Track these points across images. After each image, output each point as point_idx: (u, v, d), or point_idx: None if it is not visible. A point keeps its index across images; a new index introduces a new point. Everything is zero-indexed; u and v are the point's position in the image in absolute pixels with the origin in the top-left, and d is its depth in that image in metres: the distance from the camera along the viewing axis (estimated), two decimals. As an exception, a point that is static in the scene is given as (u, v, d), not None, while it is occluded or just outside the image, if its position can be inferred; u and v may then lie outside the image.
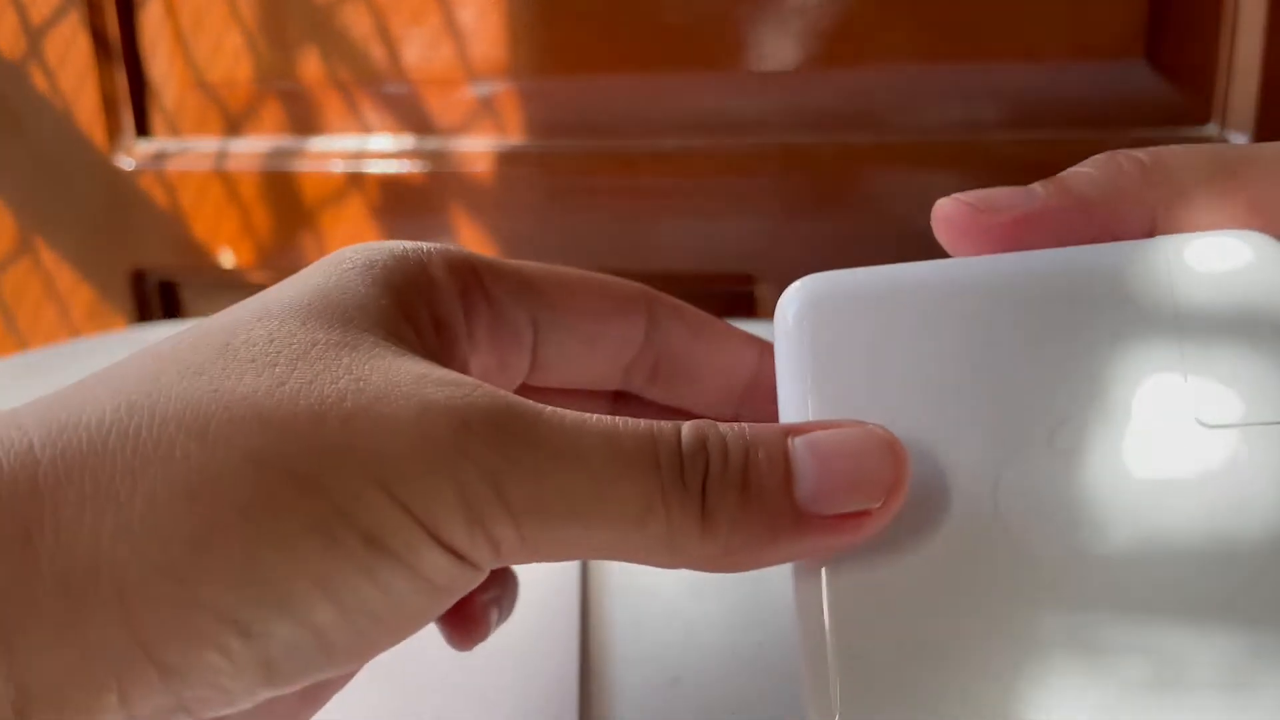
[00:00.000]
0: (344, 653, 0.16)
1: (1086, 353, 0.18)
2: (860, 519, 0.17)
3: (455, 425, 0.15)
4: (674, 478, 0.16)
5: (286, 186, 0.64)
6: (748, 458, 0.17)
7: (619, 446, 0.16)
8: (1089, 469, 0.17)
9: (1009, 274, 0.19)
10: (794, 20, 0.56)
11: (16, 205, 0.70)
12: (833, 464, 0.17)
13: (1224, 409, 0.17)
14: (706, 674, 0.27)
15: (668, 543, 0.16)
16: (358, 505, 0.15)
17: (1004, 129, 0.54)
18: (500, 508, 0.15)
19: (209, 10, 0.63)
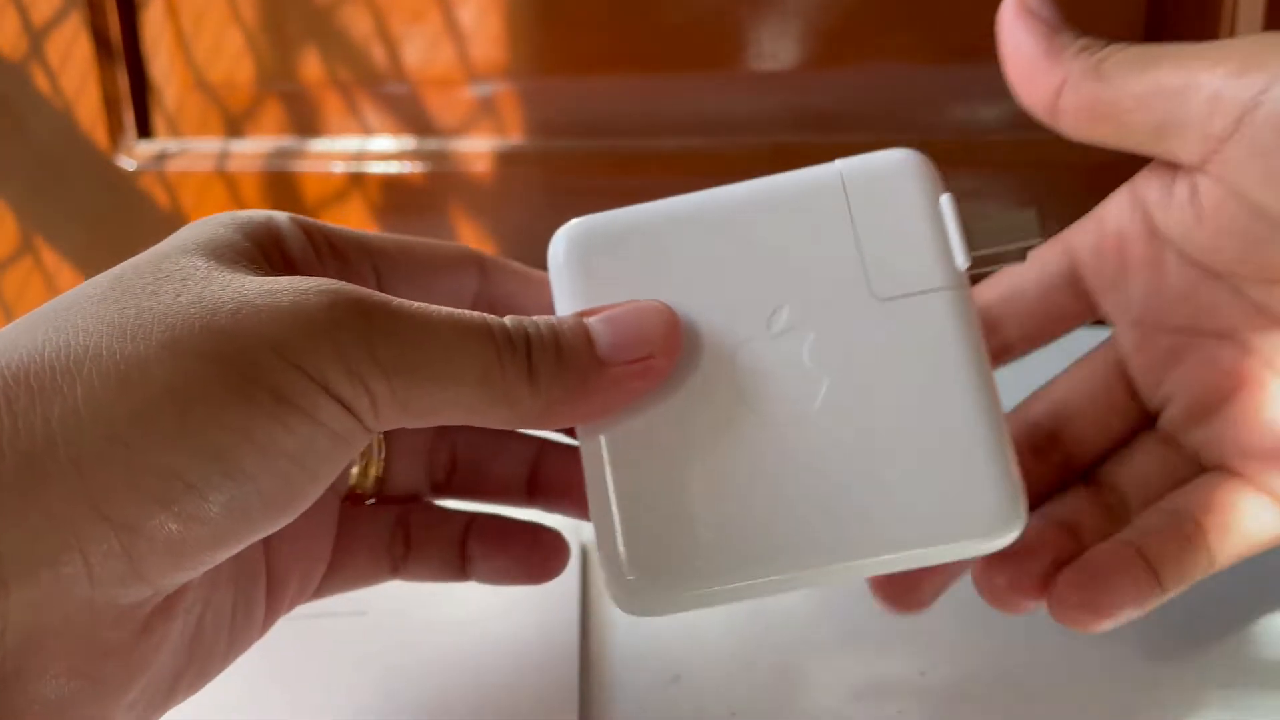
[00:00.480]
0: (274, 498, 0.18)
1: (788, 254, 0.23)
2: (648, 362, 0.22)
3: (326, 304, 0.19)
4: (506, 343, 0.20)
5: (288, 187, 0.64)
6: (557, 330, 0.21)
7: (461, 320, 0.20)
8: (796, 344, 0.22)
9: (723, 200, 0.24)
10: (794, 20, 0.56)
11: (18, 205, 0.70)
12: (620, 325, 0.22)
13: (893, 284, 0.23)
14: (706, 672, 0.27)
15: (505, 397, 0.20)
16: (261, 370, 0.18)
17: (1003, 129, 0.54)
18: (374, 365, 0.19)
19: (210, 11, 0.64)
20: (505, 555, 0.26)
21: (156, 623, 0.19)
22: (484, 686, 0.26)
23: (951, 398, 0.21)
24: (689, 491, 0.22)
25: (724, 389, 0.22)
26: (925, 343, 0.22)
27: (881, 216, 0.23)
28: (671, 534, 0.22)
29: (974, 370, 0.22)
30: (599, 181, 0.59)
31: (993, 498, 0.21)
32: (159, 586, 0.18)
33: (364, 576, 0.26)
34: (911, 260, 0.22)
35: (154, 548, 0.17)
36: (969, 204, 0.23)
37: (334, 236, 0.23)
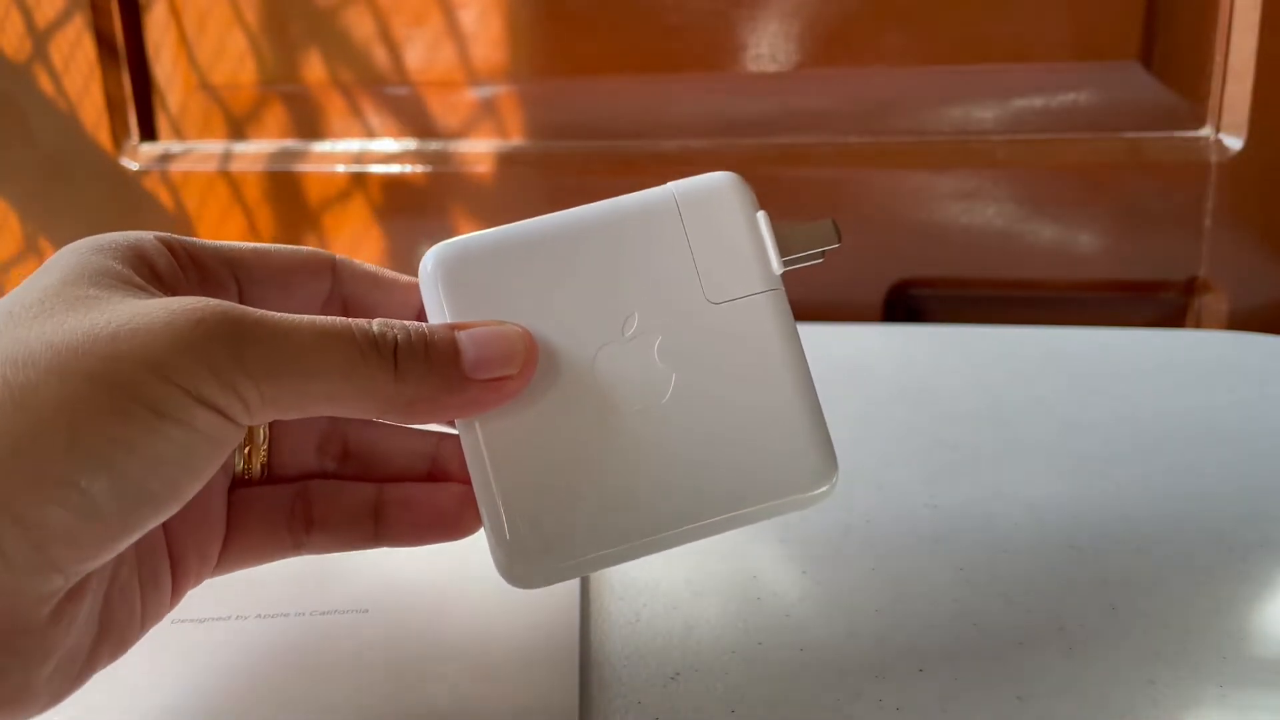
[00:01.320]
0: (160, 496, 0.21)
1: (635, 267, 0.26)
2: (503, 382, 0.24)
3: (194, 321, 0.21)
4: (369, 345, 0.23)
5: (290, 188, 0.64)
6: (428, 339, 0.24)
7: (322, 325, 0.22)
8: (645, 347, 0.26)
9: (576, 221, 0.26)
10: (791, 22, 0.56)
11: (22, 206, 0.70)
12: (485, 346, 0.24)
13: (723, 290, 0.26)
14: (705, 671, 0.27)
15: (370, 391, 0.23)
16: (140, 388, 0.20)
17: (1001, 130, 0.54)
18: (242, 373, 0.21)
19: (213, 13, 0.64)
20: (418, 514, 0.27)
21: (66, 605, 0.21)
22: (484, 685, 0.27)
23: (774, 381, 0.25)
24: (560, 476, 0.25)
25: (587, 386, 0.25)
26: (752, 337, 0.26)
27: (710, 232, 0.26)
28: (547, 513, 0.25)
29: (791, 357, 0.26)
30: (599, 182, 0.59)
31: (811, 457, 0.25)
32: (68, 574, 0.20)
33: (264, 551, 0.27)
34: (737, 269, 0.26)
35: (58, 541, 0.20)
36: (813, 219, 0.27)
37: (195, 250, 0.25)
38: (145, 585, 0.24)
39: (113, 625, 0.23)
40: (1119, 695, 0.26)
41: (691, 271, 0.26)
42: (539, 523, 0.25)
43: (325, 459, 0.28)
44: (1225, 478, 0.35)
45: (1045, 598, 0.29)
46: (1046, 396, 0.42)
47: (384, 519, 0.27)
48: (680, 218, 0.26)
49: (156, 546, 0.25)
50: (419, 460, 0.29)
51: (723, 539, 0.33)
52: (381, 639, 0.29)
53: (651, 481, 0.25)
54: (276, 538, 0.27)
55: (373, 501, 0.27)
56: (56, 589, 0.20)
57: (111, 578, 0.23)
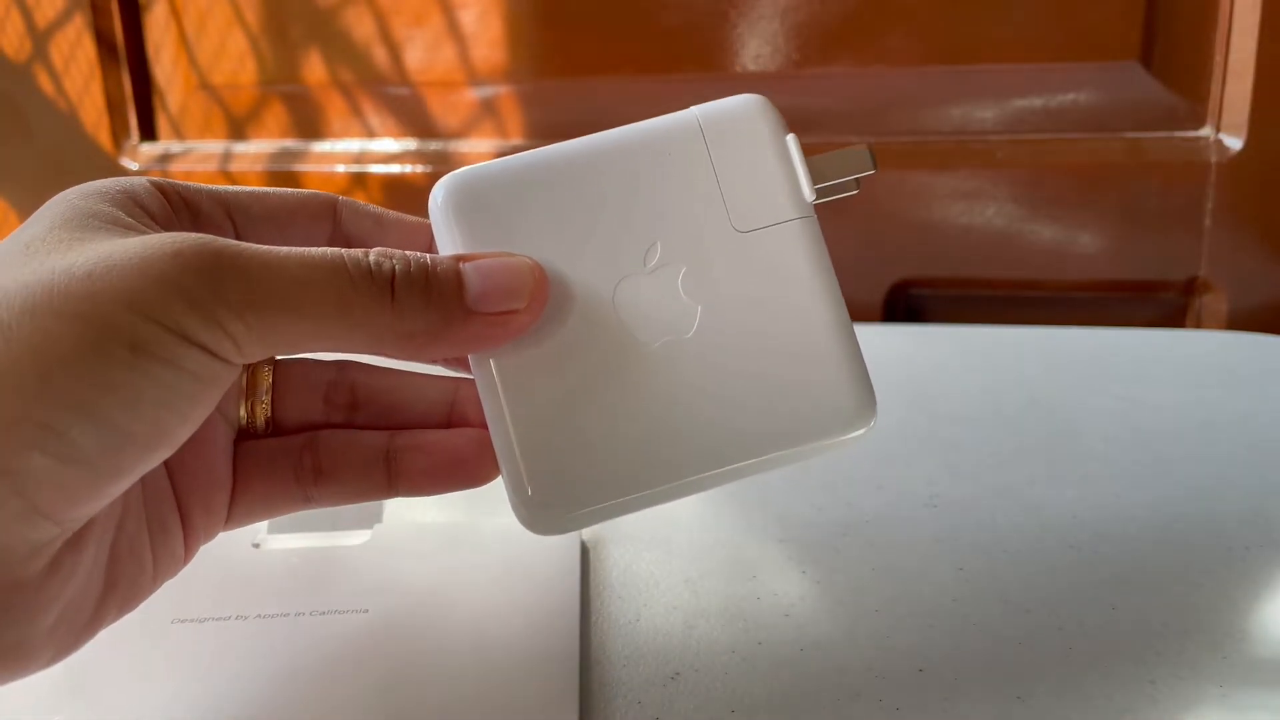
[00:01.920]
0: (146, 439, 0.20)
1: (657, 195, 0.25)
2: (510, 316, 0.23)
3: (170, 254, 0.20)
4: (362, 276, 0.21)
5: (290, 188, 0.64)
6: (429, 269, 0.22)
7: (309, 257, 0.21)
8: (670, 277, 0.24)
9: (594, 147, 0.25)
10: (790, 22, 0.56)
11: (22, 207, 0.70)
12: (491, 278, 0.23)
13: (751, 218, 0.24)
14: (706, 670, 0.27)
15: (366, 323, 0.22)
16: (114, 325, 0.19)
17: (1001, 130, 0.54)
18: (224, 306, 0.20)
19: (213, 14, 0.64)
20: (433, 459, 0.26)
21: (65, 556, 0.20)
22: (484, 685, 0.26)
23: (807, 315, 0.24)
24: (581, 416, 0.24)
25: (607, 320, 0.24)
26: (782, 268, 0.24)
27: (737, 157, 0.25)
28: (568, 455, 0.23)
29: (825, 289, 0.24)
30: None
31: (849, 396, 0.24)
32: (63, 521, 0.19)
33: (272, 503, 0.26)
34: (766, 196, 0.24)
35: (43, 487, 0.19)
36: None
37: (188, 193, 0.24)
38: (155, 537, 0.24)
39: (121, 578, 0.22)
40: (1119, 695, 0.26)
41: (717, 198, 0.24)
42: (558, 467, 0.23)
43: (333, 410, 0.27)
44: (1225, 477, 0.35)
45: (1045, 598, 0.29)
46: (1046, 396, 0.42)
47: (397, 466, 0.26)
48: (705, 142, 0.25)
49: (164, 497, 0.24)
50: (435, 408, 0.27)
51: (723, 539, 0.33)
52: (381, 639, 0.29)
53: (676, 422, 0.23)
54: (285, 490, 0.26)
55: (384, 449, 0.26)
56: (50, 538, 0.19)
57: (118, 529, 0.22)
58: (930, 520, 0.34)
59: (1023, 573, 0.31)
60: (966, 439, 0.39)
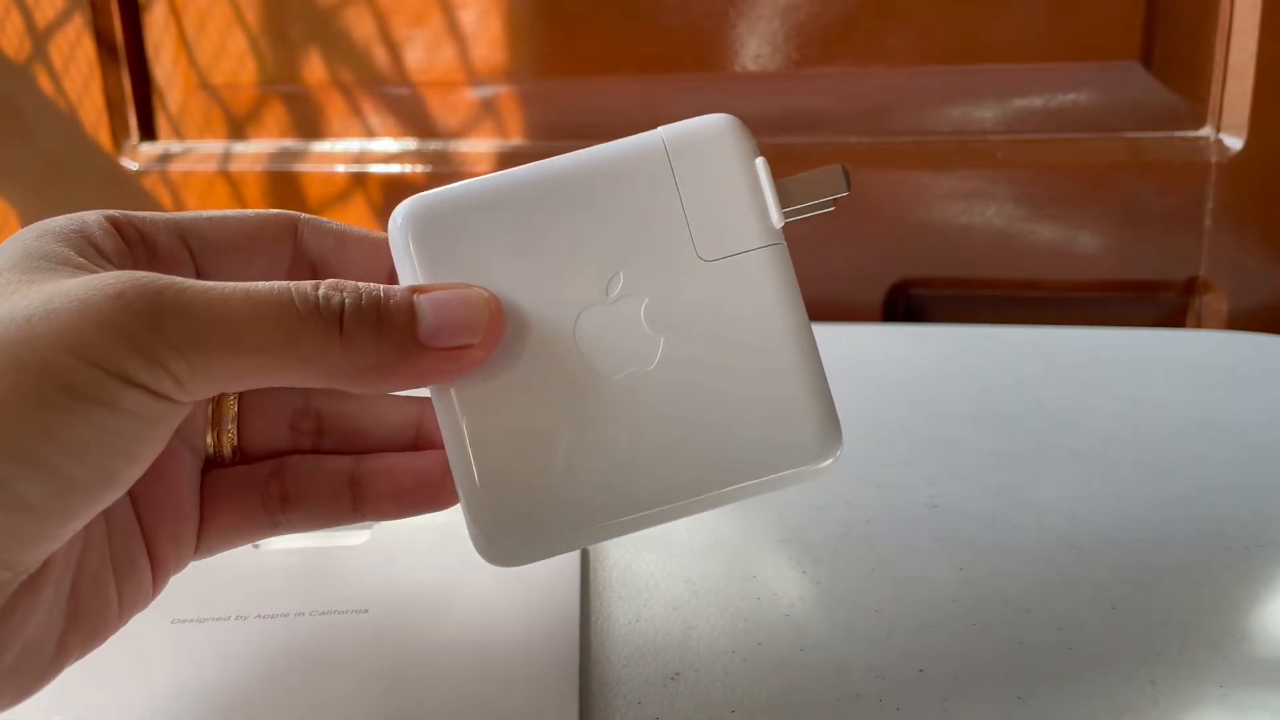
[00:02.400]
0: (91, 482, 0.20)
1: (620, 221, 0.24)
2: (465, 351, 0.23)
3: (112, 295, 0.20)
4: (309, 310, 0.21)
5: (290, 188, 0.64)
6: (380, 302, 0.22)
7: (254, 291, 0.21)
8: (633, 308, 0.24)
9: (556, 171, 0.24)
10: (790, 22, 0.56)
11: (22, 206, 0.70)
12: (445, 311, 0.22)
13: (717, 246, 0.24)
14: (705, 670, 0.27)
15: (314, 359, 0.21)
16: (54, 370, 0.19)
17: (1001, 130, 0.54)
18: (166, 346, 0.20)
19: (213, 13, 0.64)
20: (398, 482, 0.26)
21: (21, 598, 0.20)
22: (484, 685, 0.26)
23: (773, 346, 0.24)
24: (540, 448, 0.23)
25: (568, 352, 0.24)
26: (749, 298, 0.24)
27: (703, 181, 0.24)
28: (527, 488, 0.23)
29: (791, 319, 0.24)
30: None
31: (814, 428, 0.23)
32: (14, 566, 0.19)
33: (240, 532, 0.26)
34: (732, 222, 0.24)
35: None
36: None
37: (144, 225, 0.24)
38: (120, 573, 0.23)
39: (84, 615, 0.22)
40: (1119, 695, 0.26)
41: (682, 225, 0.24)
42: (517, 499, 0.23)
43: (299, 436, 0.27)
44: (1225, 477, 0.35)
45: (1045, 598, 0.29)
46: (1046, 396, 0.42)
47: (363, 491, 0.26)
48: (670, 165, 0.24)
49: (128, 532, 0.24)
50: (402, 430, 0.27)
51: (723, 538, 0.33)
52: (381, 639, 0.29)
53: (638, 455, 0.23)
54: (252, 518, 0.26)
55: (349, 473, 0.26)
56: (3, 583, 0.19)
57: (79, 566, 0.22)
58: (930, 520, 0.34)
59: (1023, 573, 0.31)
60: (966, 439, 0.39)
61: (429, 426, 0.27)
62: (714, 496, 0.24)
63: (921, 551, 0.32)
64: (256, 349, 0.21)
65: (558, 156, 0.25)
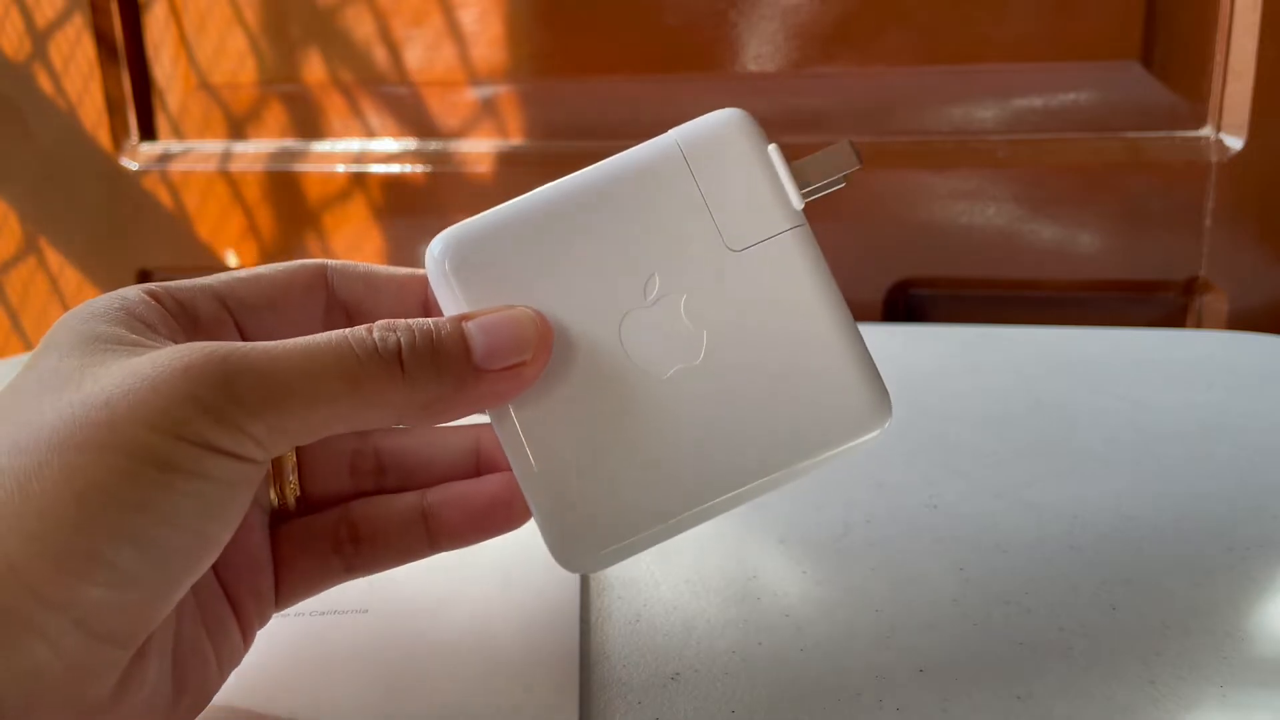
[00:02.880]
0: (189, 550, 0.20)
1: (649, 226, 0.25)
2: (519, 369, 0.24)
3: (180, 369, 0.21)
4: (369, 355, 0.22)
5: (290, 188, 0.64)
6: (434, 337, 0.23)
7: (313, 346, 0.22)
8: (670, 308, 0.24)
9: (580, 186, 0.25)
10: (790, 22, 0.56)
11: (22, 206, 0.70)
12: (495, 334, 0.23)
13: (744, 236, 0.25)
14: (705, 671, 0.27)
15: (380, 400, 0.22)
16: (141, 447, 0.20)
17: (1001, 130, 0.54)
18: (241, 410, 0.20)
19: (213, 13, 0.64)
20: (470, 508, 0.27)
21: (133, 672, 0.21)
22: (484, 685, 0.26)
23: (812, 323, 0.24)
24: (604, 455, 0.24)
25: (616, 358, 0.24)
26: (781, 281, 0.24)
27: (721, 176, 0.25)
28: (596, 496, 0.24)
29: (826, 295, 0.25)
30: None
31: (863, 397, 0.24)
32: (125, 642, 0.20)
33: (316, 580, 0.26)
34: (755, 212, 0.25)
35: (101, 615, 0.19)
36: None
37: (181, 293, 0.25)
38: (213, 634, 0.24)
39: (189, 680, 0.23)
40: (1119, 695, 0.26)
41: (708, 221, 0.25)
42: (587, 505, 0.24)
43: (361, 477, 0.28)
44: (1225, 477, 0.35)
45: (1045, 598, 0.29)
46: (1046, 396, 0.42)
47: (435, 521, 0.26)
48: (688, 166, 0.25)
49: (214, 595, 0.25)
50: (462, 458, 0.28)
51: (723, 538, 0.33)
52: (381, 639, 0.29)
53: (697, 447, 0.24)
54: (326, 564, 0.26)
55: (418, 507, 0.27)
56: (116, 660, 0.20)
57: (176, 638, 0.23)
58: (930, 520, 0.34)
59: (1023, 573, 0.31)
60: (966, 439, 0.39)
61: (487, 450, 0.28)
62: (775, 479, 0.24)
63: (921, 551, 0.32)
64: (326, 400, 0.21)
65: (578, 173, 0.26)
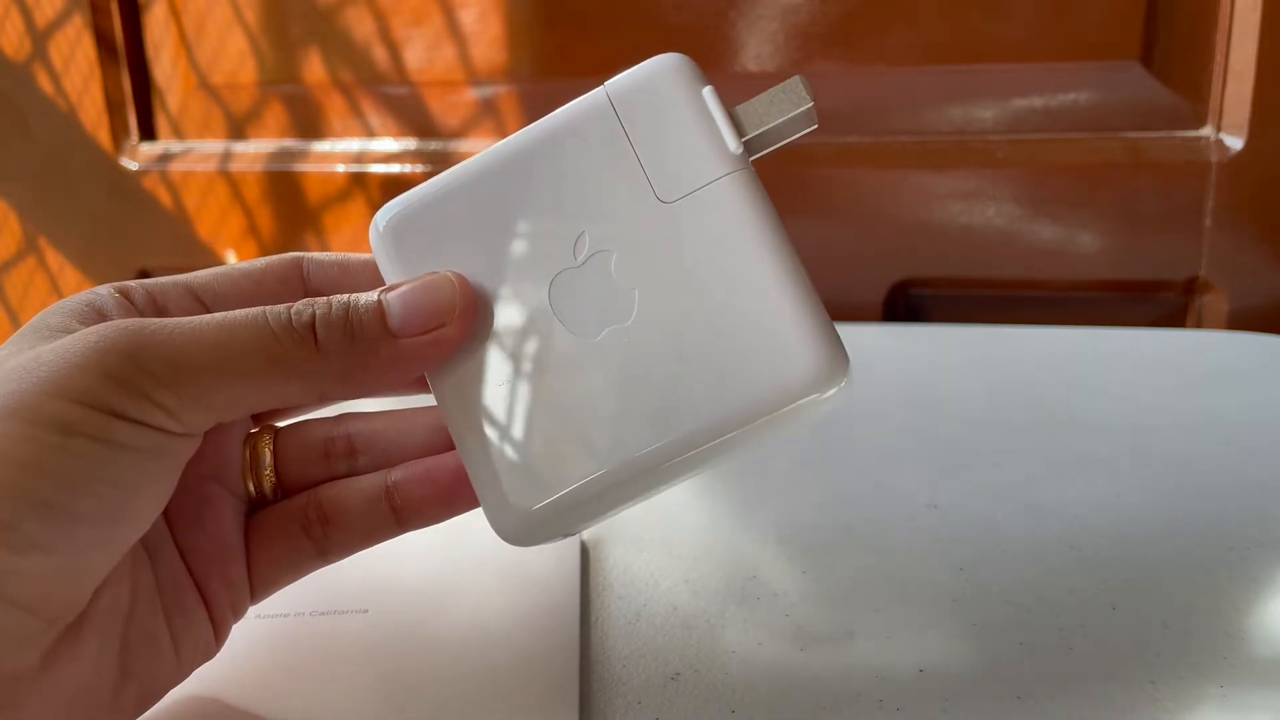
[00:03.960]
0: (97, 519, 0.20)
1: (577, 183, 0.24)
2: (439, 332, 0.23)
3: (93, 339, 0.21)
4: (283, 328, 0.22)
5: (290, 188, 0.64)
6: (348, 307, 0.23)
7: (230, 318, 0.22)
8: (600, 266, 0.24)
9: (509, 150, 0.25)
10: (793, 22, 0.56)
11: (22, 206, 0.70)
12: (411, 300, 0.23)
13: (677, 186, 0.23)
14: (706, 670, 0.27)
15: (298, 373, 0.22)
16: (43, 413, 0.20)
17: (1001, 130, 0.54)
18: (148, 378, 0.21)
19: (212, 13, 0.64)
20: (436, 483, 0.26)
21: (63, 648, 0.21)
22: (484, 685, 0.26)
23: (752, 276, 0.22)
24: (539, 420, 0.23)
25: (547, 321, 0.24)
26: (718, 231, 0.23)
27: (652, 125, 0.24)
28: (533, 463, 0.23)
29: (771, 242, 0.22)
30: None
31: (817, 353, 0.22)
32: (44, 613, 0.20)
33: (290, 564, 0.26)
34: (688, 159, 0.23)
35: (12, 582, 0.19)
36: None
37: (154, 289, 0.25)
38: (174, 623, 0.24)
39: (137, 668, 0.23)
40: (1119, 695, 0.26)
41: (639, 173, 0.23)
42: (524, 474, 0.23)
43: (334, 462, 0.28)
44: (1225, 477, 0.35)
45: (1045, 598, 0.29)
46: (1046, 396, 0.42)
47: (401, 498, 0.26)
48: (618, 116, 0.24)
49: (179, 583, 0.24)
50: (434, 436, 0.27)
51: (723, 538, 0.33)
52: (381, 639, 0.29)
53: (635, 411, 0.22)
54: (297, 547, 0.26)
55: (383, 485, 0.26)
56: (35, 631, 0.20)
57: (128, 620, 0.23)
58: (930, 520, 0.34)
59: (1023, 573, 0.31)
60: (966, 439, 0.39)
61: None
62: (721, 444, 0.22)
63: (921, 551, 0.32)
64: (240, 372, 0.22)
65: (514, 134, 0.25)
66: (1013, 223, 0.55)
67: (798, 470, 0.37)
